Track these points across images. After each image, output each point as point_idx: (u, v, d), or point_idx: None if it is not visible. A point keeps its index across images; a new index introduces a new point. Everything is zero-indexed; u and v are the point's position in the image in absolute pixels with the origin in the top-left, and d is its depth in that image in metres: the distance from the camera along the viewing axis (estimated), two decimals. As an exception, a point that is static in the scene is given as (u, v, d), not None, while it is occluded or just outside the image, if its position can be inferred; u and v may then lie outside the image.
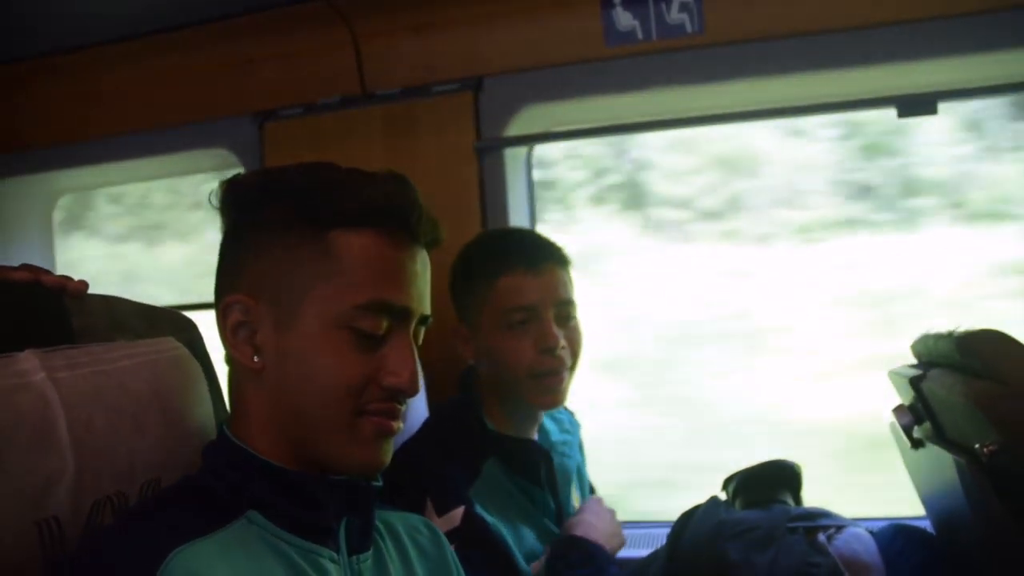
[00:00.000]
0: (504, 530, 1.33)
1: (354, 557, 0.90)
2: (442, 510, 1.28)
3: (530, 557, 1.36)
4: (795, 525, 1.49)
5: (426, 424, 1.49)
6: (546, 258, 1.43)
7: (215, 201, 0.91)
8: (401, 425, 0.89)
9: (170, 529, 0.77)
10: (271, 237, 0.88)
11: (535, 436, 1.49)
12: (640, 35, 1.73)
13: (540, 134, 1.87)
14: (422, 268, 0.90)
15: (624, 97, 1.81)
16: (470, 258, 1.49)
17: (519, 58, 1.82)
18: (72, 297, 0.96)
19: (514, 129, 1.84)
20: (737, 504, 1.64)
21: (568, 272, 1.45)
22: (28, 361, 0.81)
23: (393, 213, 0.87)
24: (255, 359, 0.87)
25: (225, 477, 0.85)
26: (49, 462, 0.77)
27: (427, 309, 0.91)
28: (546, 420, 1.54)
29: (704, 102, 1.80)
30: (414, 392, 0.87)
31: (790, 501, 1.62)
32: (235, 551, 0.79)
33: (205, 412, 0.98)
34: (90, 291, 0.99)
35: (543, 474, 1.45)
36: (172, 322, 1.07)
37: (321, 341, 0.85)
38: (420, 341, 0.92)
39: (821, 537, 1.47)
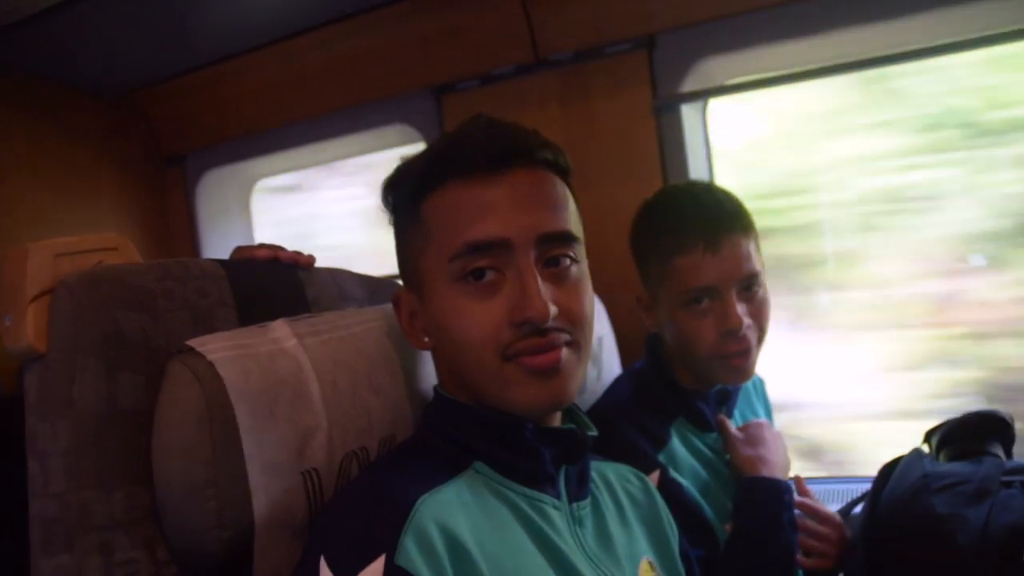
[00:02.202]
0: (697, 494, 1.33)
1: (574, 504, 0.93)
2: None
3: (725, 517, 1.35)
4: (1011, 479, 1.41)
5: (615, 389, 1.50)
6: (726, 230, 1.32)
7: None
8: (561, 356, 0.85)
9: (414, 479, 0.82)
10: (397, 231, 0.95)
11: None
12: (818, -29, 1.65)
13: (718, 87, 1.82)
14: (523, 191, 0.86)
15: (802, 42, 1.73)
16: (646, 229, 1.44)
17: (691, 10, 1.77)
18: (304, 269, 1.05)
19: (690, 84, 1.81)
20: (942, 457, 1.57)
21: (751, 240, 1.36)
22: (280, 329, 0.89)
23: (460, 159, 0.87)
24: (425, 340, 0.93)
25: (447, 432, 0.90)
26: (307, 418, 0.86)
27: (549, 227, 0.86)
28: None
29: (892, 39, 1.70)
30: (542, 317, 0.82)
31: (1001, 454, 1.53)
32: (468, 499, 0.83)
33: (428, 372, 1.04)
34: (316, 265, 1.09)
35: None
36: (390, 290, 1.15)
37: (445, 303, 0.87)
38: (572, 260, 0.88)
39: (1042, 493, 1.39)
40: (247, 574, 0.81)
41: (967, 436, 1.55)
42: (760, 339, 1.37)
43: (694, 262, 1.31)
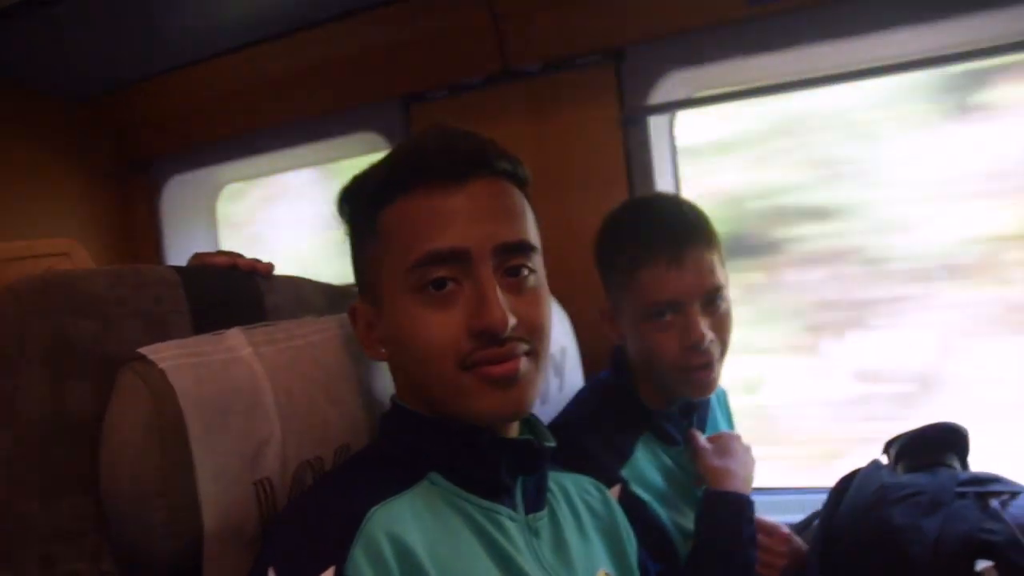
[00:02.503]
0: (660, 509, 1.33)
1: (531, 515, 0.92)
2: None
3: (688, 533, 1.34)
4: (964, 490, 1.43)
5: (579, 401, 1.50)
6: (690, 244, 1.32)
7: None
8: (520, 366, 0.85)
9: (366, 490, 0.81)
10: (353, 241, 0.95)
11: None
12: (783, -8, 1.67)
13: (684, 100, 1.84)
14: (482, 202, 0.87)
15: (768, 57, 1.76)
16: (610, 241, 1.44)
17: (659, 24, 1.79)
18: (263, 277, 1.04)
19: (657, 97, 1.82)
20: (899, 468, 1.59)
21: (715, 253, 1.35)
22: (236, 338, 0.89)
23: (419, 169, 0.87)
24: (382, 351, 0.93)
25: (403, 441, 0.90)
26: (261, 427, 0.85)
27: (507, 237, 0.87)
28: None
29: (855, 56, 1.73)
30: (501, 326, 0.82)
31: (957, 465, 1.56)
32: (422, 510, 0.83)
33: (386, 382, 1.03)
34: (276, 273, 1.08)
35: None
36: (350, 299, 1.14)
37: (403, 314, 0.86)
38: (530, 271, 0.89)
39: (994, 503, 1.40)
40: None
41: (925, 448, 1.57)
42: (722, 352, 1.37)
43: (657, 276, 1.31)
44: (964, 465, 1.57)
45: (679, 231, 1.33)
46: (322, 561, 0.71)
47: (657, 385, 1.41)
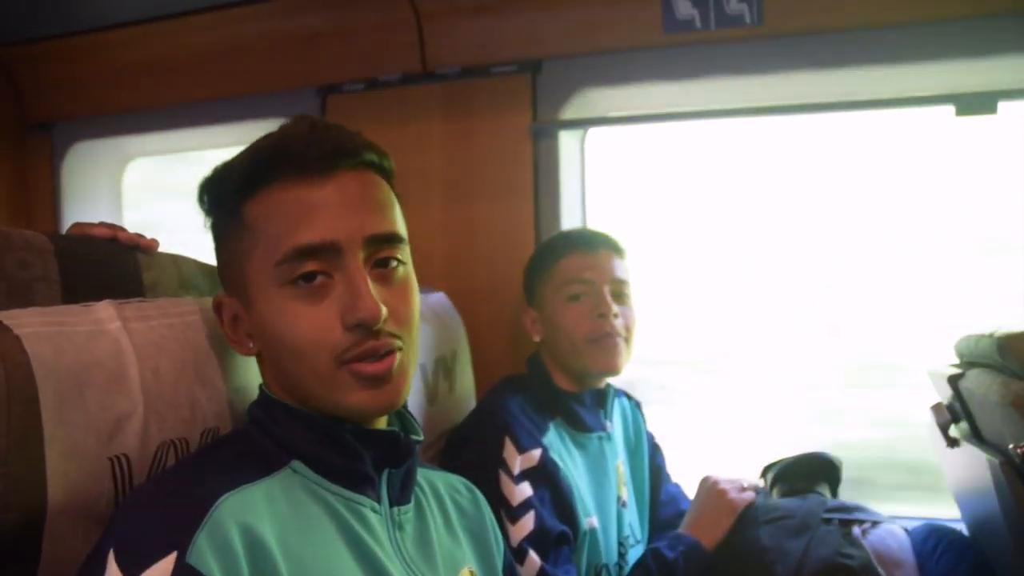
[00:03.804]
0: (571, 477, 1.47)
1: (395, 508, 0.92)
2: (521, 449, 1.41)
3: (587, 512, 1.48)
4: (830, 516, 1.51)
5: (494, 395, 1.58)
6: (602, 245, 1.59)
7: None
8: (395, 360, 0.86)
9: (220, 476, 0.80)
10: (217, 234, 0.93)
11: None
12: (699, 24, 1.73)
13: (596, 118, 1.89)
14: (351, 194, 0.86)
15: (680, 85, 1.82)
16: (539, 250, 1.68)
17: (577, 42, 1.83)
18: (144, 253, 1.02)
19: (570, 112, 1.86)
20: (774, 492, 1.66)
21: (624, 260, 1.60)
22: (105, 310, 0.86)
23: (286, 160, 0.85)
24: (250, 346, 0.91)
25: (268, 429, 0.89)
26: (121, 403, 0.83)
27: (377, 228, 0.86)
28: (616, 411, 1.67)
29: (761, 94, 1.80)
30: (374, 318, 0.82)
31: (827, 494, 1.64)
32: (279, 499, 0.82)
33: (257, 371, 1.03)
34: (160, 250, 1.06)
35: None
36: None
37: (272, 308, 0.85)
38: (400, 262, 0.89)
39: (856, 531, 1.49)
40: (33, 561, 0.78)
41: (799, 475, 1.65)
42: (628, 339, 1.55)
43: (575, 261, 1.57)
44: (834, 493, 1.66)
45: (596, 236, 1.62)
46: (164, 546, 0.70)
47: (569, 368, 1.57)
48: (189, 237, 1.04)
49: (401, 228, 0.91)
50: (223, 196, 0.90)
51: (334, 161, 0.86)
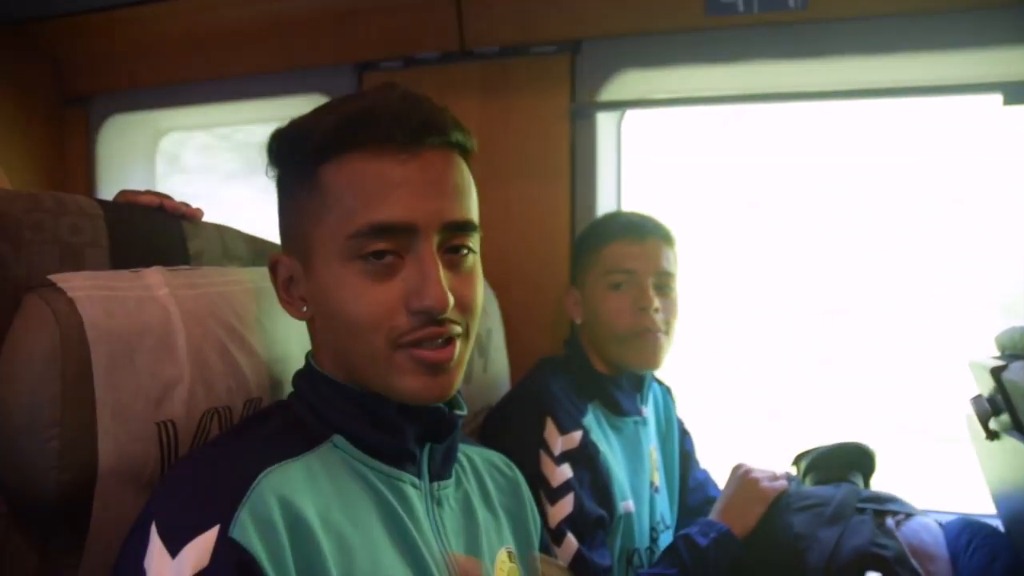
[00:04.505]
0: (609, 462, 1.47)
1: (435, 483, 0.92)
2: (563, 430, 1.41)
3: (624, 495, 1.48)
4: (864, 506, 1.50)
5: (533, 375, 1.59)
6: (651, 233, 1.55)
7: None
8: (456, 350, 0.85)
9: (262, 451, 0.80)
10: (285, 190, 0.91)
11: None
12: (741, 7, 1.71)
13: (634, 100, 1.87)
14: (435, 175, 0.84)
15: (721, 68, 1.79)
16: (588, 231, 1.65)
17: (618, 23, 1.81)
18: (189, 221, 1.03)
19: (608, 94, 1.85)
20: (807, 481, 1.65)
21: (672, 249, 1.57)
22: (154, 277, 0.87)
23: (372, 129, 0.82)
24: (304, 310, 0.90)
25: (311, 403, 0.89)
26: (169, 369, 0.84)
27: (456, 215, 0.85)
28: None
29: (803, 79, 1.78)
30: (442, 307, 0.81)
31: (860, 483, 1.62)
32: (319, 474, 0.82)
33: (305, 341, 1.03)
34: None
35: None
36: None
37: (335, 280, 0.83)
38: (470, 250, 0.88)
39: (889, 522, 1.47)
40: (83, 527, 0.79)
41: (833, 464, 1.64)
42: (668, 333, 1.53)
43: (620, 248, 1.53)
44: (867, 483, 1.64)
45: (646, 223, 1.57)
46: (207, 520, 0.70)
47: (608, 358, 1.55)
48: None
49: (476, 215, 0.89)
50: (299, 153, 0.86)
51: (421, 137, 0.83)
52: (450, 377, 0.86)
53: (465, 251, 0.87)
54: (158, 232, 0.97)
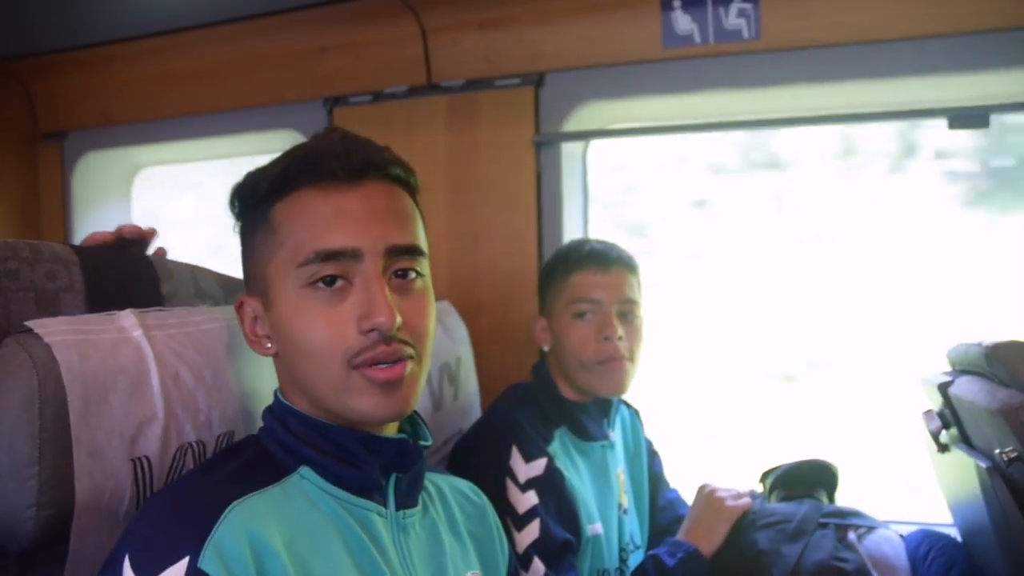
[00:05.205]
0: (575, 487, 1.49)
1: (401, 512, 0.95)
2: (528, 458, 1.44)
3: (591, 519, 1.51)
4: (827, 521, 1.54)
5: (501, 402, 1.61)
6: (616, 262, 1.58)
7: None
8: (407, 368, 0.88)
9: (231, 484, 0.83)
10: (245, 235, 0.96)
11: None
12: (698, 38, 1.77)
13: (597, 130, 1.92)
14: (376, 204, 0.89)
15: (680, 97, 1.86)
16: (553, 258, 1.67)
17: (579, 56, 1.87)
18: (146, 239, 1.08)
19: (572, 125, 1.90)
20: (773, 498, 1.69)
21: (636, 276, 1.61)
22: (127, 319, 0.91)
23: (316, 167, 0.88)
24: (268, 346, 0.94)
25: (278, 436, 0.92)
26: (143, 407, 0.87)
27: (399, 240, 0.89)
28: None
29: (758, 106, 1.84)
30: (389, 324, 0.85)
31: (825, 499, 1.67)
32: (286, 505, 0.85)
33: (274, 377, 1.06)
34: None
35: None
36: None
37: (292, 309, 0.88)
38: (418, 274, 0.92)
39: (851, 536, 1.51)
40: (62, 558, 0.82)
41: (798, 481, 1.68)
42: (632, 359, 1.55)
43: (585, 278, 1.56)
44: (832, 499, 1.68)
45: (610, 252, 1.60)
46: (177, 552, 0.74)
47: (575, 384, 1.58)
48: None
49: (422, 241, 0.94)
50: (253, 199, 0.93)
51: (362, 172, 0.90)
52: (403, 394, 0.89)
53: (413, 275, 0.92)
54: (131, 275, 1.01)
